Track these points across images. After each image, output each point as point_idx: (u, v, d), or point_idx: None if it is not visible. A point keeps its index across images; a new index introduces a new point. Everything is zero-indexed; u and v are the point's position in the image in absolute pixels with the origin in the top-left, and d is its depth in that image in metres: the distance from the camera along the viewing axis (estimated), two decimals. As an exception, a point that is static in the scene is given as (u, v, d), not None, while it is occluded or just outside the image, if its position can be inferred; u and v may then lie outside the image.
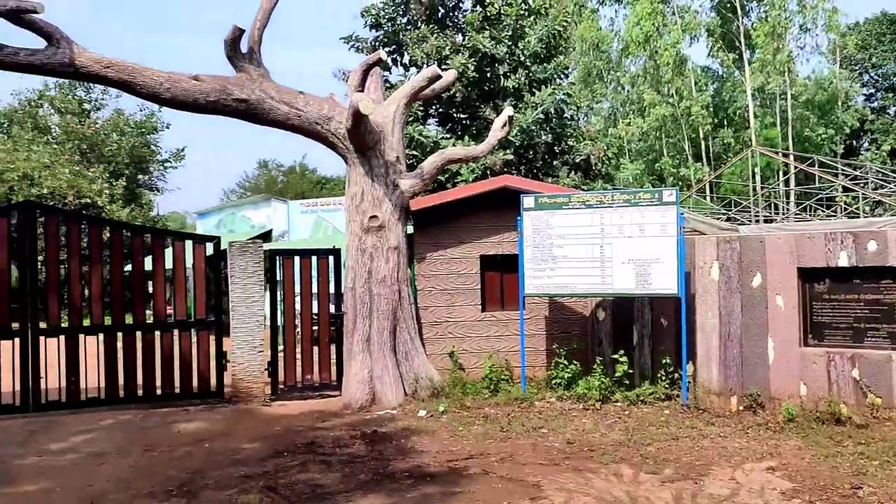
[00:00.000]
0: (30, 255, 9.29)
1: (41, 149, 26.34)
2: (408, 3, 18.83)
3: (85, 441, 7.90)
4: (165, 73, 9.66)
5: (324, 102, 10.13)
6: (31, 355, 9.25)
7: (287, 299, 10.13)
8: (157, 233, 10.00)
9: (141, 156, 29.28)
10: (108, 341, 9.55)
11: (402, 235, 9.97)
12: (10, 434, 8.25)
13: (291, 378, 10.08)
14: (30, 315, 9.27)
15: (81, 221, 9.70)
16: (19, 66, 9.27)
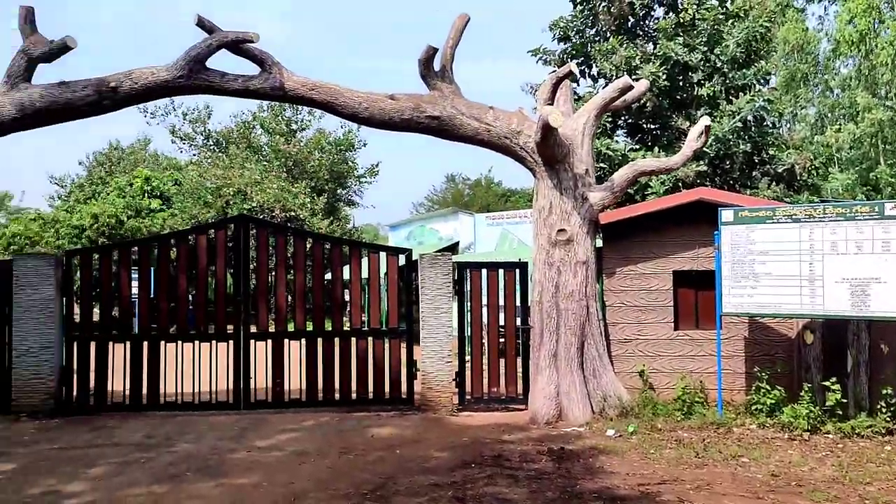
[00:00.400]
0: (243, 264, 10.10)
1: (253, 166, 28.70)
2: (596, 15, 18.58)
3: (288, 440, 8.42)
4: (364, 94, 10.16)
5: (513, 116, 10.19)
6: (243, 357, 10.03)
7: (474, 311, 10.26)
8: (354, 245, 10.53)
9: (340, 172, 31.10)
10: (309, 346, 10.15)
11: (590, 249, 9.79)
12: (224, 430, 8.97)
13: (478, 389, 10.19)
14: (242, 320, 10.06)
15: (287, 233, 10.43)
16: (237, 91, 10.13)
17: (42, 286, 9.68)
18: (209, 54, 9.89)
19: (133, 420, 9.51)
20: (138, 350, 9.96)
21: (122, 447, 8.01)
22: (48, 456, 7.59)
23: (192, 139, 31.89)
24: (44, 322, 9.67)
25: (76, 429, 8.98)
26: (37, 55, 9.80)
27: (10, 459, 7.44)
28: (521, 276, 10.28)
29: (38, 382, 9.63)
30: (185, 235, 10.32)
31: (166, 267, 10.18)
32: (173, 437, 8.55)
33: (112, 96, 9.84)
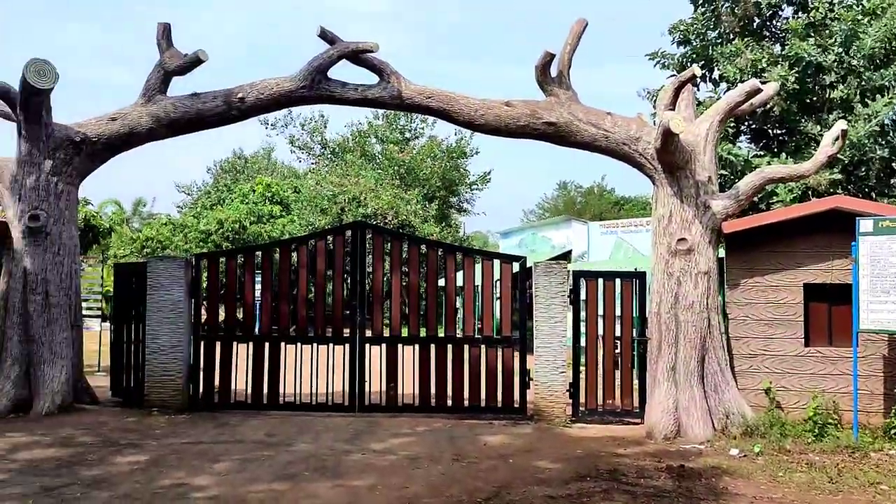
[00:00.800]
0: (360, 269, 10.30)
1: (368, 174, 29.37)
2: (719, 17, 17.93)
3: (401, 444, 8.49)
4: (479, 101, 10.17)
5: (631, 122, 9.94)
6: (358, 361, 10.21)
7: (589, 321, 10.06)
8: (467, 252, 10.55)
9: (451, 179, 31.37)
10: (422, 352, 10.23)
11: (712, 259, 9.40)
12: (339, 431, 9.15)
13: (592, 401, 9.97)
14: (358, 324, 10.25)
15: (403, 239, 10.55)
16: (357, 100, 10.37)
17: (173, 287, 10.20)
18: (331, 64, 10.18)
19: (254, 418, 9.86)
20: (260, 351, 10.32)
21: (245, 444, 8.30)
22: (177, 449, 7.96)
23: (309, 148, 33.02)
24: (174, 321, 10.17)
25: (202, 424, 9.39)
26: (172, 68, 10.36)
27: (142, 451, 7.84)
28: (639, 286, 9.99)
29: (167, 379, 10.14)
30: (305, 241, 10.64)
31: (287, 270, 10.51)
32: (292, 436, 8.79)
33: (239, 107, 10.29)
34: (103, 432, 8.76)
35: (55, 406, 9.73)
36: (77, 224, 10.92)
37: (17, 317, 9.93)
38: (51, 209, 10.11)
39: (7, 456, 7.50)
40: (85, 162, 10.43)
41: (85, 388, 10.72)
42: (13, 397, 9.73)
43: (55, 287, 10.05)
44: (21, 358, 9.89)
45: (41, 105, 9.79)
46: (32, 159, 10.07)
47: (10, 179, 10.16)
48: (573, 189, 69.38)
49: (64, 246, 10.24)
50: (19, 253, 10.03)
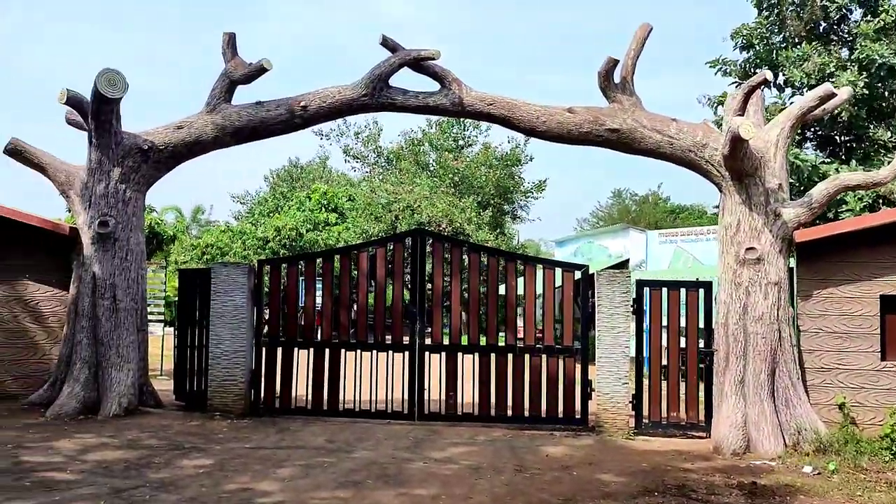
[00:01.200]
0: (419, 276, 10.27)
1: (422, 182, 29.46)
2: (784, 21, 17.53)
3: (462, 454, 8.41)
4: (541, 107, 10.08)
5: (697, 129, 9.72)
6: (418, 369, 10.18)
7: (653, 332, 9.85)
8: (528, 260, 10.44)
9: (506, 187, 31.25)
10: (482, 361, 10.14)
11: (783, 269, 9.12)
12: (399, 439, 9.12)
13: (655, 413, 9.75)
14: (417, 331, 10.22)
15: (463, 247, 10.51)
16: (418, 108, 10.37)
17: (236, 293, 10.32)
18: (392, 72, 10.21)
19: (314, 424, 9.89)
20: (320, 357, 10.37)
21: (307, 450, 8.32)
22: (240, 454, 8.02)
23: (364, 157, 33.29)
24: (236, 327, 10.29)
25: (265, 429, 9.46)
26: (237, 77, 10.51)
27: (207, 455, 7.92)
28: (705, 296, 9.75)
29: (230, 384, 10.25)
30: (365, 248, 10.67)
31: (347, 277, 10.55)
32: (352, 443, 8.79)
33: (302, 115, 10.39)
34: (168, 435, 8.89)
35: (121, 409, 9.92)
36: (143, 230, 11.14)
37: (87, 321, 10.17)
38: (119, 216, 10.34)
39: (78, 457, 7.65)
40: (151, 170, 10.64)
41: (150, 391, 10.91)
42: (82, 399, 9.95)
43: (123, 292, 10.27)
44: (90, 360, 10.12)
45: (111, 114, 10.03)
46: (102, 167, 10.32)
47: (81, 187, 10.42)
48: (628, 197, 68.54)
49: (131, 251, 10.45)
50: (89, 258, 10.27)
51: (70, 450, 7.95)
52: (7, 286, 11.09)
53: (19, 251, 11.14)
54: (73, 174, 10.56)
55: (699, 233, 20.12)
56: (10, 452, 7.76)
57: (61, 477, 6.86)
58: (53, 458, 7.55)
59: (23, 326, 11.10)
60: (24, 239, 11.08)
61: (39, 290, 11.12)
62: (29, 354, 11.09)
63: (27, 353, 11.09)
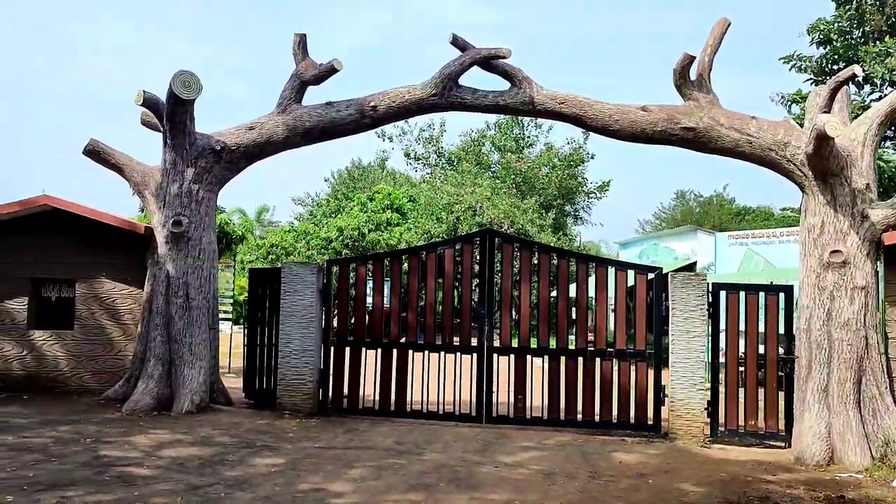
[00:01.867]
0: (488, 277, 10.15)
1: (484, 183, 29.33)
2: (863, 15, 16.86)
3: (532, 458, 8.26)
4: (614, 106, 9.86)
5: (778, 126, 9.37)
6: (486, 371, 10.06)
7: (730, 337, 9.53)
8: (600, 261, 10.22)
9: (568, 188, 30.89)
10: (551, 364, 9.97)
11: (870, 273, 8.70)
12: (468, 441, 9.02)
13: (732, 421, 9.42)
14: (486, 333, 10.10)
15: (533, 248, 10.34)
16: (488, 107, 10.26)
17: (306, 292, 10.37)
18: (462, 71, 10.13)
19: (382, 425, 9.87)
20: (388, 358, 10.34)
21: (376, 451, 8.29)
22: (311, 453, 8.03)
23: (425, 158, 33.32)
24: (305, 326, 10.34)
25: (333, 429, 9.47)
26: (307, 78, 10.57)
27: (278, 454, 7.96)
28: (786, 300, 9.38)
29: (299, 383, 10.31)
30: (434, 248, 10.60)
31: (416, 278, 10.49)
32: (421, 445, 8.72)
33: (372, 115, 10.39)
34: (239, 433, 8.97)
35: (193, 405, 10.06)
36: (215, 230, 11.30)
37: (160, 318, 10.36)
38: (192, 215, 10.50)
39: (154, 452, 7.77)
40: (223, 170, 10.78)
41: (220, 389, 11.06)
42: (156, 395, 10.13)
43: (195, 290, 10.43)
44: (163, 358, 10.31)
45: (185, 115, 10.19)
46: (176, 168, 10.50)
47: (156, 187, 10.63)
48: (692, 198, 67.12)
49: (204, 250, 10.61)
50: (163, 257, 10.46)
51: (146, 445, 8.09)
52: (86, 284, 11.40)
53: (97, 250, 11.45)
54: (149, 174, 10.78)
55: (772, 235, 19.50)
56: (90, 446, 7.93)
57: (139, 472, 6.97)
58: (131, 454, 7.68)
59: (100, 323, 11.39)
60: (101, 238, 11.37)
61: (116, 289, 11.39)
62: (106, 351, 11.37)
63: (104, 349, 11.38)
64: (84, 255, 11.42)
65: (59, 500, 6.02)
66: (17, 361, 11.29)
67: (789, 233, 19.16)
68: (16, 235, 11.40)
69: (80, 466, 7.09)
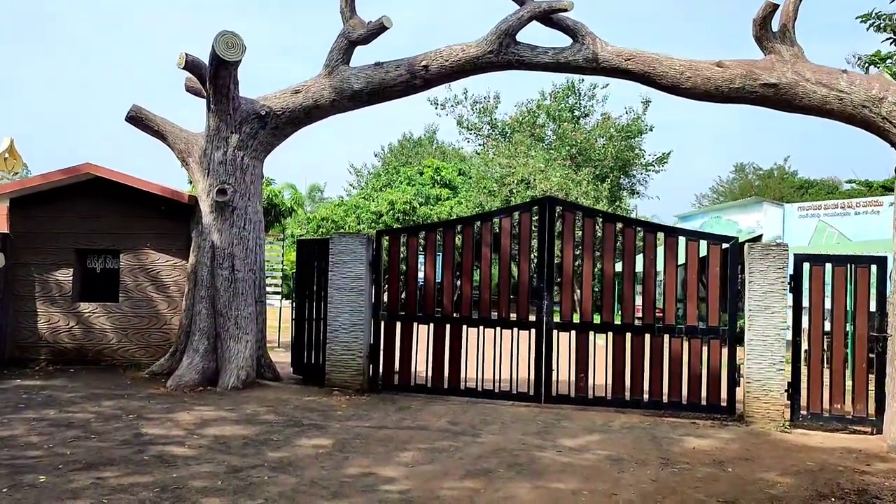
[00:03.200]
0: (548, 249, 9.50)
1: (537, 154, 28.50)
2: (953, -35, 15.49)
3: (598, 442, 7.64)
4: (686, 61, 9.06)
5: (873, 81, 8.49)
6: (546, 348, 9.45)
7: (815, 313, 8.73)
8: (670, 231, 9.46)
9: (626, 159, 29.85)
10: (616, 341, 9.30)
11: (977, 243, 7.82)
12: (526, 423, 8.43)
13: (816, 405, 8.65)
14: (545, 308, 9.48)
15: (597, 216, 9.62)
16: (548, 65, 9.54)
17: (355, 264, 9.87)
18: (520, 26, 9.43)
19: (435, 403, 9.36)
20: (441, 333, 9.80)
21: (430, 432, 7.76)
22: (360, 434, 7.55)
23: (478, 129, 32.52)
24: (355, 300, 9.85)
25: (384, 407, 8.99)
26: (355, 37, 9.99)
27: (326, 434, 7.50)
28: (878, 273, 8.52)
29: (349, 358, 9.85)
30: (490, 217, 9.97)
31: (470, 249, 9.90)
32: (477, 426, 8.17)
33: (423, 75, 9.78)
34: (286, 411, 8.55)
35: (240, 381, 9.70)
36: (261, 199, 10.87)
37: (205, 290, 9.99)
38: (237, 184, 10.07)
39: (196, 430, 7.38)
40: (269, 136, 10.31)
41: (268, 363, 10.69)
42: (201, 370, 9.78)
43: (241, 262, 10.02)
44: (209, 331, 9.95)
45: (229, 78, 9.71)
46: (220, 134, 10.06)
47: (200, 154, 10.22)
48: (751, 171, 65.06)
49: (249, 221, 10.19)
50: (207, 227, 10.07)
51: (189, 423, 7.71)
52: (130, 255, 11.11)
53: (141, 220, 11.13)
54: (192, 142, 10.38)
55: (847, 205, 18.29)
56: (132, 423, 7.59)
57: (180, 452, 6.57)
58: (172, 431, 7.30)
59: (146, 295, 11.10)
60: (145, 208, 11.05)
61: (160, 259, 11.08)
62: (151, 323, 11.09)
63: (150, 322, 11.09)
64: (128, 226, 11.11)
65: (94, 481, 5.64)
66: (66, 333, 11.07)
67: (867, 203, 17.95)
68: (59, 205, 11.13)
69: (120, 444, 6.74)
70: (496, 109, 32.16)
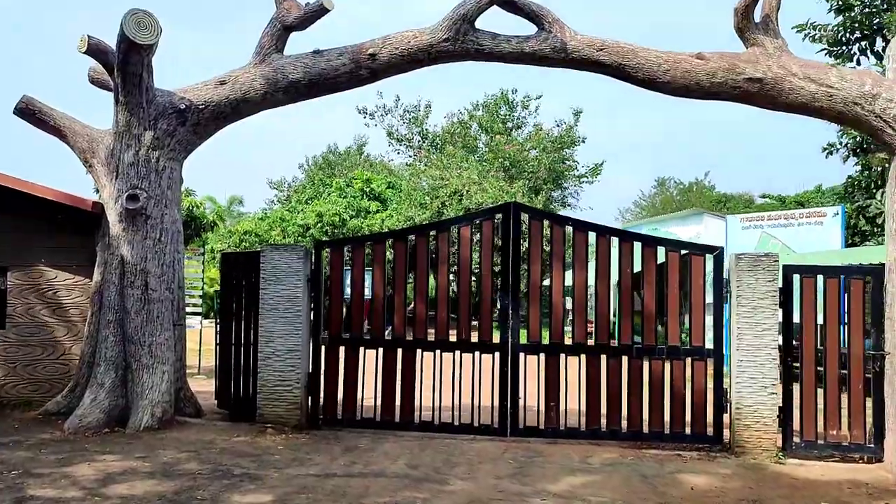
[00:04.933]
0: (512, 261, 8.44)
1: (471, 166, 27.61)
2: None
3: (584, 486, 6.57)
4: (664, 53, 8.19)
5: (864, 76, 7.82)
6: (511, 373, 8.36)
7: (806, 329, 7.94)
8: (648, 240, 8.52)
9: (558, 171, 29.27)
10: (591, 364, 8.29)
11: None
12: (495, 462, 7.30)
13: (810, 432, 7.83)
14: (510, 328, 8.40)
15: (566, 223, 8.61)
16: (510, 54, 8.53)
17: (290, 281, 8.57)
18: (479, 11, 8.39)
19: (386, 441, 8.13)
20: (391, 359, 8.60)
21: (388, 480, 6.53)
22: (305, 485, 6.26)
23: (408, 140, 31.42)
24: (290, 321, 8.54)
25: (328, 448, 7.70)
26: (290, 21, 8.78)
27: (263, 487, 6.18)
28: (875, 285, 7.79)
29: (283, 390, 8.51)
30: (446, 226, 8.80)
31: (424, 263, 8.74)
32: (441, 469, 6.99)
33: (370, 65, 8.62)
34: (212, 457, 7.16)
35: (155, 420, 8.25)
36: (180, 207, 9.43)
37: (113, 314, 8.50)
38: (151, 188, 8.64)
39: (99, 490, 5.95)
40: (189, 134, 8.93)
41: (188, 396, 9.26)
42: (107, 408, 8.28)
43: (156, 279, 8.58)
44: (117, 362, 8.46)
45: (141, 65, 8.29)
46: (131, 131, 8.63)
47: (107, 155, 8.75)
48: (672, 186, 66.20)
49: (166, 231, 8.76)
50: (116, 239, 8.60)
51: (89, 479, 6.25)
52: (21, 273, 9.49)
53: (35, 232, 9.52)
54: (98, 140, 8.90)
55: (790, 216, 18.01)
56: (15, 483, 6.08)
57: (75, 523, 5.17)
58: (67, 493, 5.85)
59: (39, 320, 9.49)
60: (39, 217, 9.46)
61: (58, 278, 9.49)
62: (46, 353, 9.47)
63: (44, 351, 9.48)
64: (17, 238, 9.48)
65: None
66: (-59, 367, 9.35)
67: (810, 214, 17.74)
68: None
69: (-4, 515, 5.28)
70: (427, 120, 31.15)
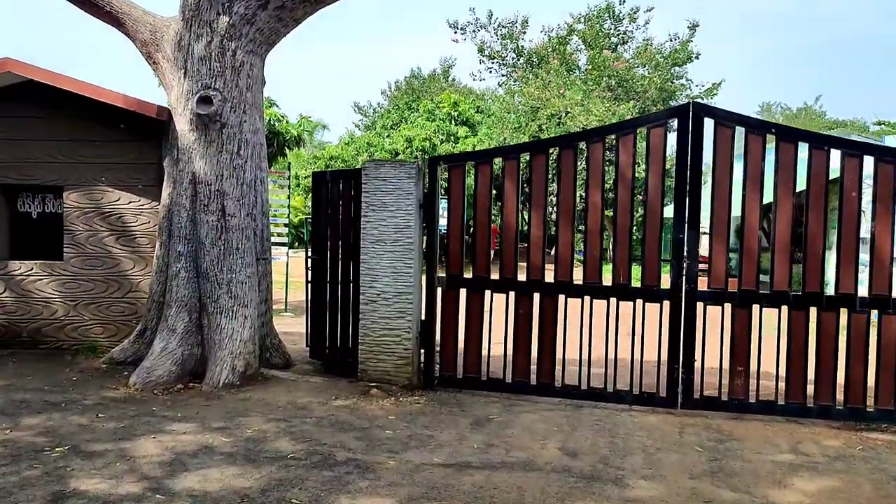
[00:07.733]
0: (691, 180, 6.38)
1: (575, 85, 25.16)
2: None
3: (822, 492, 4.65)
4: None
5: None
6: (686, 328, 6.42)
7: None
8: (883, 153, 6.27)
9: (671, 91, 26.39)
10: (794, 318, 6.26)
11: None
12: (678, 449, 5.45)
13: None
14: (685, 269, 6.41)
15: (770, 130, 6.44)
16: None
17: (399, 206, 6.80)
18: None
19: (522, 408, 6.39)
20: (526, 306, 6.78)
21: (543, 476, 4.75)
22: (434, 483, 4.56)
23: (501, 57, 28.94)
24: (399, 257, 6.82)
25: (451, 420, 5.99)
26: None
27: (379, 485, 4.51)
28: None
29: (391, 341, 6.84)
30: (600, 135, 6.75)
31: (571, 184, 6.79)
32: (608, 457, 5.18)
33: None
34: (308, 430, 5.56)
35: (236, 375, 6.74)
36: (263, 115, 7.70)
37: (184, 245, 6.94)
38: (227, 89, 6.93)
39: (163, 482, 4.38)
40: (272, 20, 7.12)
41: (275, 344, 7.75)
42: (179, 358, 6.81)
43: (234, 202, 6.95)
44: (190, 303, 6.95)
45: (212, -72, 6.48)
46: (202, 16, 6.89)
47: (173, 47, 7.05)
48: (778, 112, 61.77)
49: (246, 143, 7.08)
50: (186, 153, 6.97)
51: (152, 462, 4.72)
52: (79, 193, 8.03)
53: (94, 144, 8.01)
54: (162, 29, 7.20)
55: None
56: (56, 468, 4.59)
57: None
58: (121, 486, 4.30)
59: (103, 250, 8.06)
60: (99, 126, 7.93)
61: (122, 199, 8.01)
62: (112, 290, 8.09)
63: (109, 287, 8.10)
64: (75, 152, 8.01)
65: None
66: (-6, 303, 8.08)
67: None
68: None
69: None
70: (523, 36, 28.48)
